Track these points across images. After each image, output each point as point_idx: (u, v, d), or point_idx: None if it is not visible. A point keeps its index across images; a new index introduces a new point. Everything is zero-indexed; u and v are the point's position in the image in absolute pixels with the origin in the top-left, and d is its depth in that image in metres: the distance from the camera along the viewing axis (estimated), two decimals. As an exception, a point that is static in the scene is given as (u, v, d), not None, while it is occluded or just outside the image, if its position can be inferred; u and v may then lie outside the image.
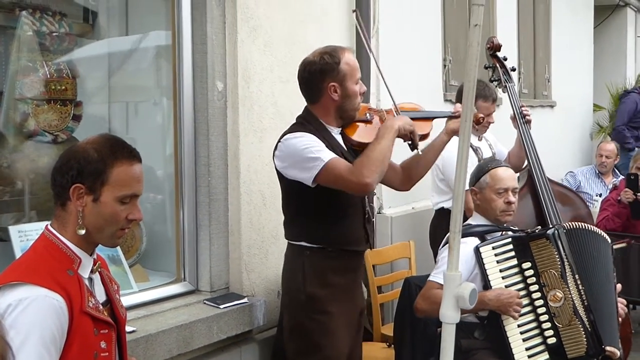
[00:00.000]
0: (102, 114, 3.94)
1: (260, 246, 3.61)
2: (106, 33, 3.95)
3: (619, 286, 3.26)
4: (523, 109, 4.06)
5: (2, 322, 0.85)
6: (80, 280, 1.85)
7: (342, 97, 2.80)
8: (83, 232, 1.86)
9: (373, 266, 4.11)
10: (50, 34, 3.39)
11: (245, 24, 3.55)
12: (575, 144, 8.26)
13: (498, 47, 4.18)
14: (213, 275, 3.49)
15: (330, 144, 2.78)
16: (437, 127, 3.06)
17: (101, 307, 1.90)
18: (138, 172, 1.93)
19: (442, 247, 3.22)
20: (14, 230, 2.99)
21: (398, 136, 2.75)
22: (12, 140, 3.32)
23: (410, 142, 2.84)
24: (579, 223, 3.30)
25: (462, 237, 3.07)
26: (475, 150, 4.25)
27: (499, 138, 4.63)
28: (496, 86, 4.26)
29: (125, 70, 4.01)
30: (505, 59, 4.22)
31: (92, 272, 1.92)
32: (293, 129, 2.83)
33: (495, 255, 3.05)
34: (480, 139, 4.38)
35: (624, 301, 3.32)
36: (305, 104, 2.93)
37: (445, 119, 3.04)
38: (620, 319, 3.19)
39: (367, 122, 2.91)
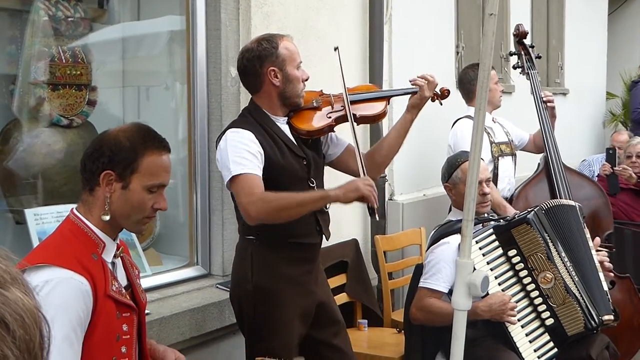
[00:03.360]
0: (116, 99, 3.97)
1: (272, 231, 3.63)
2: (120, 18, 3.97)
3: (597, 240, 3.28)
4: (546, 95, 4.09)
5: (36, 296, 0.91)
6: (104, 264, 1.88)
7: (284, 82, 2.72)
8: (108, 217, 1.89)
9: (384, 252, 4.13)
10: (66, 19, 3.41)
11: (259, 10, 3.56)
12: (587, 132, 8.22)
13: (524, 34, 4.24)
14: (225, 260, 3.52)
15: (274, 135, 2.71)
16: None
17: (124, 290, 1.93)
18: (167, 163, 1.97)
19: (428, 249, 3.22)
20: (29, 214, 3.02)
21: (356, 200, 2.59)
22: (27, 124, 3.35)
23: (368, 208, 2.66)
24: (555, 200, 3.33)
25: (445, 236, 3.12)
26: (488, 132, 4.26)
27: (518, 124, 4.65)
28: (520, 73, 4.30)
29: (139, 54, 4.03)
30: (532, 47, 4.26)
31: (115, 256, 1.96)
32: (236, 123, 2.75)
33: (480, 248, 3.06)
34: (494, 121, 4.39)
35: (604, 252, 3.33)
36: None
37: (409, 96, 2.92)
38: (608, 279, 3.22)
39: (315, 109, 2.83)
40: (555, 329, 3.04)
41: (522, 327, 3.02)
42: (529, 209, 3.21)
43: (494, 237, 3.09)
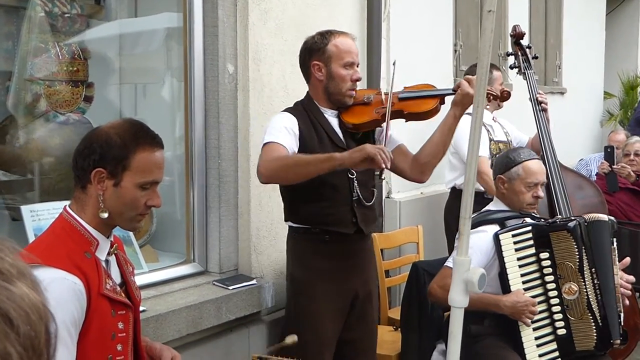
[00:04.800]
0: (113, 95, 3.96)
1: (269, 229, 3.63)
2: (117, 14, 3.96)
3: (627, 260, 3.23)
4: (539, 95, 4.09)
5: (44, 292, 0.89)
6: (98, 262, 1.85)
7: (327, 78, 2.82)
8: (106, 215, 1.86)
9: (381, 250, 4.12)
10: (62, 15, 3.39)
11: (257, 7, 3.55)
12: (585, 132, 8.23)
13: (521, 35, 4.25)
14: (222, 257, 3.52)
15: (317, 124, 2.81)
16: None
17: (118, 288, 1.91)
18: (159, 159, 1.92)
19: None
20: (25, 210, 3.01)
21: (363, 161, 2.51)
22: (23, 120, 3.34)
23: (376, 172, 2.70)
24: (596, 215, 3.25)
25: (483, 225, 3.09)
26: (487, 130, 4.27)
27: (514, 123, 4.65)
28: (516, 73, 4.32)
29: (136, 51, 4.02)
30: (529, 47, 4.27)
31: (108, 254, 1.93)
32: (286, 110, 2.90)
33: (515, 243, 3.03)
34: (494, 120, 4.40)
35: (631, 278, 3.27)
36: None
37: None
38: (626, 301, 3.19)
39: (366, 104, 2.88)
40: (565, 340, 3.03)
41: (534, 329, 3.00)
42: (572, 217, 3.19)
43: (530, 235, 3.06)
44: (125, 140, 1.86)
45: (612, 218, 3.27)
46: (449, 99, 2.89)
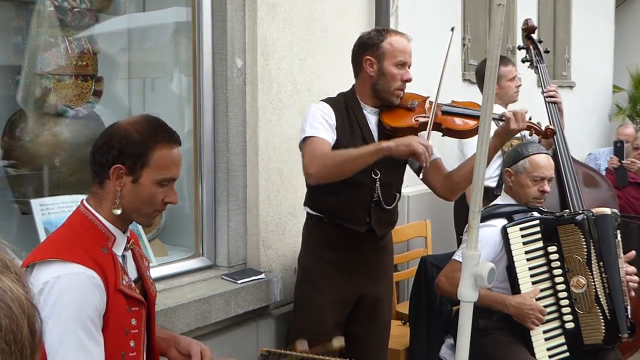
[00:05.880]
0: (122, 90, 3.96)
1: (277, 223, 3.64)
2: (126, 9, 3.96)
3: (632, 253, 3.23)
4: (550, 90, 4.08)
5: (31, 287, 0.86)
6: (115, 258, 1.86)
7: (377, 75, 2.83)
8: (119, 211, 1.87)
9: (389, 244, 4.12)
10: (72, 10, 3.40)
11: (265, 1, 3.55)
12: (593, 125, 8.19)
13: (532, 29, 4.27)
14: (231, 251, 3.53)
15: (354, 119, 2.82)
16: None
17: (133, 284, 1.91)
18: (177, 156, 1.93)
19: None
20: (35, 204, 3.02)
21: (407, 155, 2.63)
22: (33, 115, 3.35)
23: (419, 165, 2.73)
24: (601, 209, 3.25)
25: (490, 219, 3.09)
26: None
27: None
28: (528, 67, 4.32)
29: (145, 46, 4.03)
30: (540, 42, 4.28)
31: (125, 249, 1.94)
32: (326, 99, 2.91)
33: (522, 236, 3.03)
34: None
35: (634, 268, 3.27)
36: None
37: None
38: (632, 293, 3.19)
39: (408, 109, 2.88)
40: (573, 334, 3.03)
41: (542, 323, 3.00)
42: (579, 211, 3.19)
43: (538, 228, 3.06)
44: (144, 136, 1.87)
45: (616, 211, 3.27)
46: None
